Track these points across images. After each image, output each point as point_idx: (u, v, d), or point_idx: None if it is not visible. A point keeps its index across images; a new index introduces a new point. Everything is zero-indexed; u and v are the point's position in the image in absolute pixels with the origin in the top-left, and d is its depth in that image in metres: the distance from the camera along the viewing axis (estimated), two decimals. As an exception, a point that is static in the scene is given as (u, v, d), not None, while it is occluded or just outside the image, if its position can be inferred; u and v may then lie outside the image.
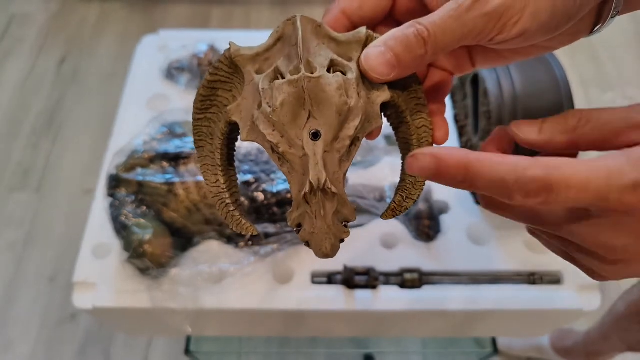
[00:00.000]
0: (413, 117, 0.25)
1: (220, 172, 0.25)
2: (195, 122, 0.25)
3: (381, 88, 0.23)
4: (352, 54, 0.23)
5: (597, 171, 0.18)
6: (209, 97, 0.24)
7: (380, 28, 0.26)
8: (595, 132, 0.21)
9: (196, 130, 0.25)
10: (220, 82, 0.24)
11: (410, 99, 0.25)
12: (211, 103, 0.25)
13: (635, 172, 0.18)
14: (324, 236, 0.22)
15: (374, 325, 0.58)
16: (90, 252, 0.54)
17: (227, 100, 0.24)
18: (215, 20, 1.59)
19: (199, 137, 0.25)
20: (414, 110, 0.25)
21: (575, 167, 0.18)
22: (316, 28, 0.23)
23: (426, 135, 0.25)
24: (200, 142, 0.25)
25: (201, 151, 0.25)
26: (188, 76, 0.67)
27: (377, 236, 0.55)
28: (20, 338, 1.04)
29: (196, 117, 0.25)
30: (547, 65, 0.54)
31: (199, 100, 0.24)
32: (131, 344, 1.04)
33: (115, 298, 0.51)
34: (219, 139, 0.24)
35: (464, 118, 0.64)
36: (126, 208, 0.51)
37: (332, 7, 0.24)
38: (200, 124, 0.25)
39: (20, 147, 1.32)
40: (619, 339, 0.79)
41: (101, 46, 1.53)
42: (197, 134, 0.25)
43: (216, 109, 0.25)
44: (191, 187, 0.52)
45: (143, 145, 0.55)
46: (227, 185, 0.25)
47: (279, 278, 0.53)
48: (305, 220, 0.22)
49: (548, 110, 0.51)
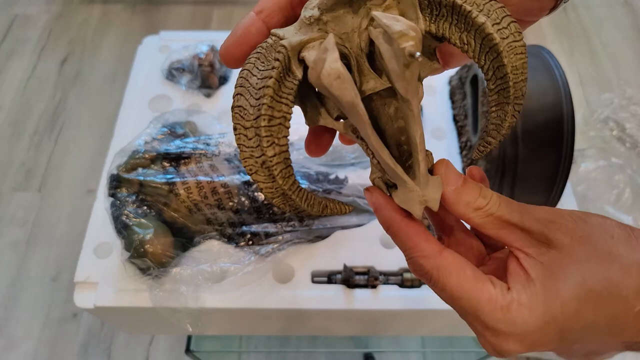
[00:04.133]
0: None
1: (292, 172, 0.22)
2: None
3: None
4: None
5: (477, 294, 0.20)
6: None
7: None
8: (488, 218, 0.22)
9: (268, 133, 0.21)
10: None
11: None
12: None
13: (503, 322, 0.20)
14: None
15: (373, 325, 0.58)
16: (91, 251, 0.54)
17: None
18: (215, 21, 1.60)
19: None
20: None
21: (462, 278, 0.21)
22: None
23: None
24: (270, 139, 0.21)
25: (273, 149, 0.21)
26: (189, 77, 0.68)
27: (377, 236, 0.56)
28: (22, 337, 1.04)
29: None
30: (546, 65, 0.54)
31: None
32: (132, 343, 1.04)
33: (117, 297, 0.52)
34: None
35: (463, 118, 0.65)
36: (127, 208, 0.52)
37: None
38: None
39: (23, 147, 1.32)
40: (618, 339, 0.79)
41: (103, 47, 1.53)
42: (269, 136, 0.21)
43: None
44: (192, 187, 0.52)
45: (144, 146, 0.55)
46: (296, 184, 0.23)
47: (279, 277, 0.53)
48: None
49: (547, 109, 0.51)
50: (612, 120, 1.35)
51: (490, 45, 0.20)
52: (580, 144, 1.28)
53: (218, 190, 0.53)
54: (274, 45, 0.21)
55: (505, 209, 0.21)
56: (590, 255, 0.20)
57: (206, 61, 0.67)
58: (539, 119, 0.51)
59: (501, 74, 0.20)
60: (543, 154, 0.51)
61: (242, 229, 0.53)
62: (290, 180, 0.21)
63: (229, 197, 0.53)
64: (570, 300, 0.20)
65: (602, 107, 1.38)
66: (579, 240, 0.20)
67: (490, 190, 0.22)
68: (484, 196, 0.22)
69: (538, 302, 0.20)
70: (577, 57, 1.49)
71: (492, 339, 0.21)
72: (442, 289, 0.21)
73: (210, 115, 0.63)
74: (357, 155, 0.61)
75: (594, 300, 0.20)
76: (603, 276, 0.19)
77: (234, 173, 0.54)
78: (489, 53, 0.20)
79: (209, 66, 0.67)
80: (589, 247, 0.20)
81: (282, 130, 0.20)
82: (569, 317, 0.20)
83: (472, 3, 0.20)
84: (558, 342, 0.21)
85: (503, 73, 0.20)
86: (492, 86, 0.21)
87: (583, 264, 0.20)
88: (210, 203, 0.52)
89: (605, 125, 1.35)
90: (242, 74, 0.21)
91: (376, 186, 0.24)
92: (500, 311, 0.20)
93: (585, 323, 0.20)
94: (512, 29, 0.19)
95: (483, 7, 0.20)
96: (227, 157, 0.56)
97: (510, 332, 0.20)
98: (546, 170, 0.52)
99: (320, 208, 0.23)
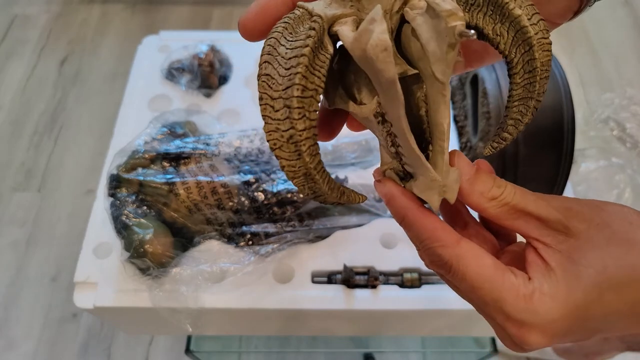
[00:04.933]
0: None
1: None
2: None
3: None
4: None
5: (498, 285, 0.20)
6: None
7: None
8: (503, 208, 0.21)
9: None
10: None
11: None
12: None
13: (526, 312, 0.19)
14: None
15: (373, 325, 0.58)
16: (91, 251, 0.54)
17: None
18: (215, 21, 1.60)
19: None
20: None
21: (483, 266, 0.20)
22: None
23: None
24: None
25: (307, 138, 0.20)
26: (189, 76, 0.67)
27: (377, 236, 0.56)
28: (22, 337, 1.04)
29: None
30: (545, 66, 0.54)
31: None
32: (132, 343, 1.04)
33: (116, 297, 0.52)
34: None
35: (463, 118, 0.65)
36: (127, 208, 0.51)
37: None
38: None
39: (22, 147, 1.32)
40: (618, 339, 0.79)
41: (102, 47, 1.53)
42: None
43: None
44: (192, 187, 0.52)
45: (144, 146, 0.55)
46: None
47: (279, 277, 0.53)
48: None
49: (547, 109, 0.51)
50: (612, 120, 1.35)
51: (523, 38, 0.20)
52: (581, 144, 1.28)
53: (218, 190, 0.53)
54: (302, 17, 0.20)
55: (521, 198, 0.21)
56: (609, 242, 0.20)
57: (206, 61, 0.67)
58: (539, 119, 0.51)
59: (531, 67, 0.20)
60: (543, 153, 0.51)
61: (242, 229, 0.53)
62: (317, 159, 0.20)
63: (228, 197, 0.53)
64: (592, 288, 0.19)
65: (602, 107, 1.38)
66: (597, 227, 0.20)
67: (504, 180, 0.22)
68: (498, 185, 0.21)
69: (560, 291, 0.19)
70: (577, 57, 1.49)
71: (514, 331, 0.20)
72: (462, 278, 0.20)
73: (210, 115, 0.63)
74: (357, 155, 0.61)
75: (615, 287, 0.19)
76: (624, 262, 0.19)
77: (233, 173, 0.54)
78: (520, 46, 0.20)
79: (209, 66, 0.67)
80: (608, 234, 0.20)
81: (313, 104, 0.19)
82: (591, 304, 0.19)
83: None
84: (581, 332, 0.20)
85: (533, 67, 0.20)
86: (519, 80, 0.20)
87: (603, 250, 0.19)
88: (210, 203, 0.52)
89: (606, 125, 1.35)
90: (270, 42, 0.20)
91: (387, 177, 0.23)
92: (522, 300, 0.19)
93: (608, 310, 0.20)
94: (541, 25, 0.20)
95: (516, 0, 0.20)
96: (227, 157, 0.56)
97: (533, 323, 0.19)
98: (546, 170, 0.52)
99: (338, 194, 0.23)
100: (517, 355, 1.02)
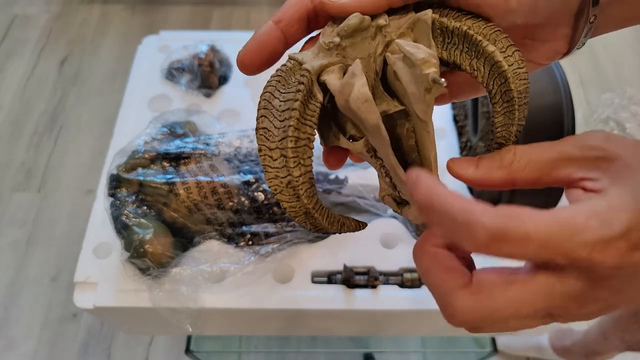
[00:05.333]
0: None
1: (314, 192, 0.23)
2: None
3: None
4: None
5: (561, 226, 0.17)
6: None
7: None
8: (531, 167, 0.21)
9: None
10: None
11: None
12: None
13: (602, 228, 0.17)
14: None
15: (373, 325, 0.58)
16: (91, 251, 0.54)
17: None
18: (215, 21, 1.60)
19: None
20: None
21: (536, 218, 0.17)
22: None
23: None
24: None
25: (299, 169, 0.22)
26: (188, 76, 0.67)
27: (377, 236, 0.56)
28: (22, 337, 1.04)
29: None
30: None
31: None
32: (132, 343, 1.04)
33: (116, 297, 0.52)
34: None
35: (463, 118, 0.65)
36: (127, 208, 0.52)
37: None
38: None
39: (22, 147, 1.32)
40: (618, 339, 0.79)
41: (102, 47, 1.53)
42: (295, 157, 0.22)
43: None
44: (192, 186, 0.52)
45: (144, 145, 0.55)
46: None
47: (279, 277, 0.53)
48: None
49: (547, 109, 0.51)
50: (612, 120, 1.35)
51: (498, 71, 0.21)
52: (581, 144, 1.28)
53: (218, 190, 0.53)
54: (294, 69, 0.22)
55: (538, 150, 0.21)
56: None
57: (206, 61, 0.67)
58: (539, 119, 0.51)
59: (508, 97, 0.21)
60: (543, 154, 0.51)
61: (242, 229, 0.53)
62: (314, 199, 0.22)
63: (228, 197, 0.53)
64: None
65: (602, 107, 1.38)
66: (633, 147, 0.19)
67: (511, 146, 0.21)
68: (506, 152, 0.21)
69: (625, 197, 0.17)
70: (577, 57, 1.49)
71: (601, 252, 0.17)
72: (525, 237, 0.17)
73: (210, 115, 0.63)
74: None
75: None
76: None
77: (233, 173, 0.54)
78: (497, 78, 0.21)
79: (209, 66, 0.67)
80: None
81: (307, 151, 0.21)
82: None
83: (480, 33, 0.21)
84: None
85: (510, 97, 0.21)
86: (499, 109, 0.22)
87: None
88: (210, 203, 0.52)
89: (606, 125, 1.35)
90: (265, 96, 0.22)
91: (386, 203, 0.25)
92: (592, 219, 0.17)
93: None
94: (516, 57, 0.21)
95: (490, 36, 0.21)
96: (227, 157, 0.56)
97: (613, 234, 0.17)
98: (546, 170, 0.52)
99: (338, 226, 0.24)
100: (517, 355, 1.02)
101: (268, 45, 0.22)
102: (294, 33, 0.22)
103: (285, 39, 0.22)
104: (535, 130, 0.51)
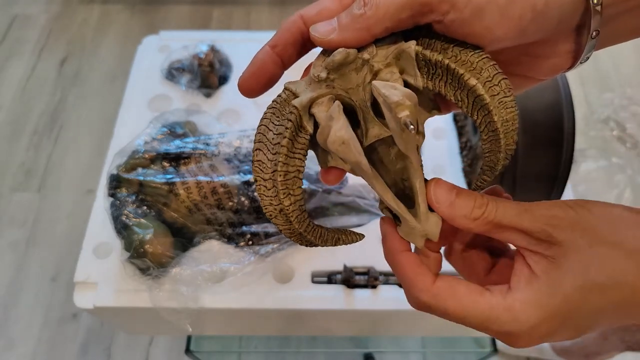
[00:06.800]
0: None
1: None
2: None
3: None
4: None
5: (481, 312, 0.21)
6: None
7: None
8: (490, 225, 0.22)
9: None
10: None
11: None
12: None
13: (510, 324, 0.21)
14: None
15: (373, 325, 0.58)
16: (91, 251, 0.54)
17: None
18: (215, 21, 1.60)
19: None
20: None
21: (462, 299, 0.22)
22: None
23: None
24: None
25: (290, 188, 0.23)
26: (189, 76, 0.67)
27: (377, 236, 0.55)
28: (22, 337, 1.04)
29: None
30: (545, 66, 0.54)
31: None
32: (132, 343, 1.04)
33: (116, 297, 0.52)
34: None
35: (463, 118, 0.65)
36: (127, 208, 0.51)
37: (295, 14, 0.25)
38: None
39: (22, 147, 1.32)
40: (618, 339, 0.79)
41: (102, 47, 1.53)
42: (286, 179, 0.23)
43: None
44: (192, 186, 0.52)
45: (144, 146, 0.55)
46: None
47: (279, 277, 0.53)
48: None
49: (547, 109, 0.51)
50: (612, 120, 1.35)
51: (481, 104, 0.21)
52: (581, 144, 1.28)
53: (218, 190, 0.53)
54: (288, 100, 0.23)
55: (503, 215, 0.22)
56: (592, 245, 0.20)
57: (206, 61, 0.67)
58: (539, 118, 0.51)
59: (492, 128, 0.22)
60: (543, 153, 0.51)
61: (242, 229, 0.53)
62: (305, 224, 0.24)
63: (228, 197, 0.53)
64: (574, 291, 0.20)
65: (602, 107, 1.38)
66: (581, 231, 0.21)
67: (487, 196, 0.23)
68: (479, 206, 0.22)
69: (541, 297, 0.20)
70: (577, 57, 1.49)
71: (505, 340, 0.22)
72: (445, 312, 0.22)
73: (210, 115, 0.63)
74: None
75: (598, 288, 0.20)
76: (606, 265, 0.20)
77: (233, 173, 0.54)
78: (480, 110, 0.22)
79: (209, 66, 0.67)
80: (592, 237, 0.20)
81: (297, 182, 0.23)
82: (574, 306, 0.20)
83: (465, 61, 0.21)
84: (567, 331, 0.21)
85: (493, 127, 0.22)
86: (485, 137, 0.22)
87: (586, 254, 0.20)
88: (210, 203, 0.52)
89: (606, 125, 1.35)
90: (260, 129, 0.23)
91: (384, 215, 0.26)
92: (504, 314, 0.21)
93: (593, 310, 0.21)
94: (503, 85, 0.21)
95: (476, 65, 0.21)
96: (226, 157, 0.56)
97: (518, 331, 0.21)
98: (546, 170, 0.52)
99: (333, 242, 0.26)
100: (517, 355, 1.02)
101: (266, 70, 0.23)
102: (289, 56, 0.24)
103: (282, 62, 0.24)
104: (536, 130, 0.51)
